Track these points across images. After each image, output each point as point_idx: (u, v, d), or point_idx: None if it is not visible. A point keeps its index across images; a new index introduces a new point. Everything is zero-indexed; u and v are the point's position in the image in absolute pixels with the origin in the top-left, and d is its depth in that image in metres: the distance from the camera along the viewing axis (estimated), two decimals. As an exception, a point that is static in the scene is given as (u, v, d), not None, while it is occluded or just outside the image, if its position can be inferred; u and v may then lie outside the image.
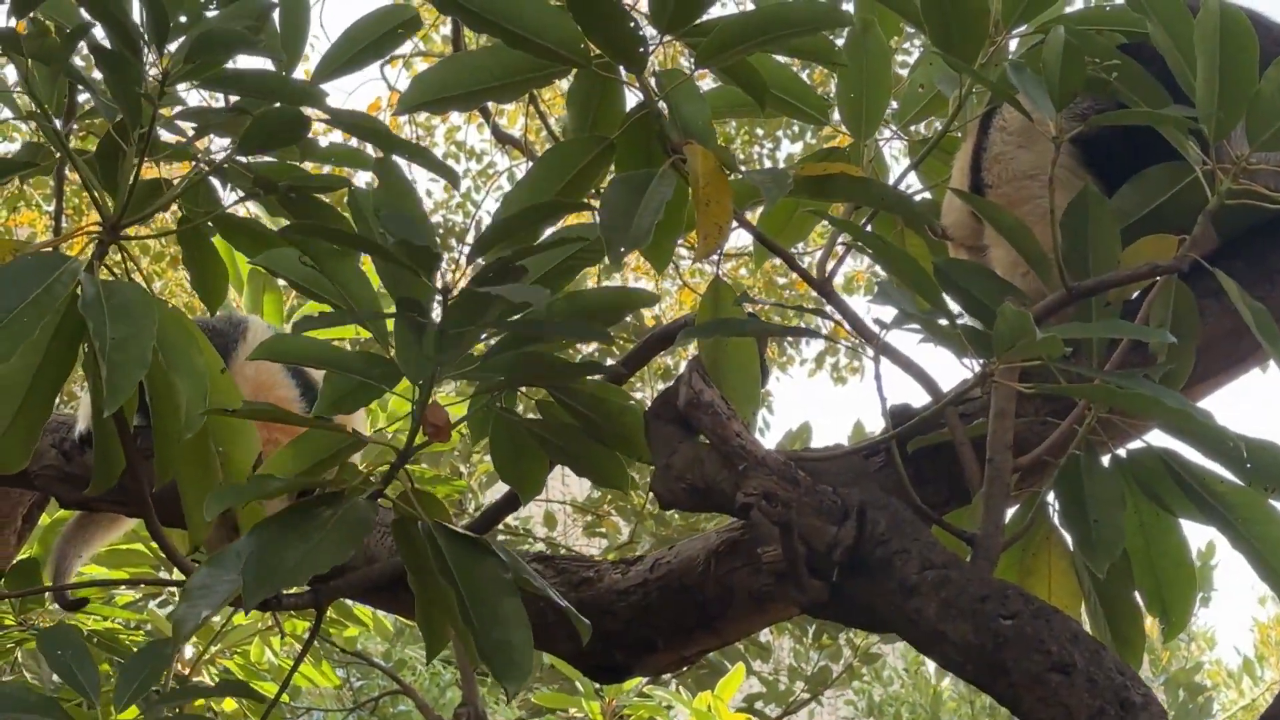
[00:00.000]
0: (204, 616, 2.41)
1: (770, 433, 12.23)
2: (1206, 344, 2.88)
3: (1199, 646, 15.54)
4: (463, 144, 12.59)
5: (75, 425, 3.64)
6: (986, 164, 3.18)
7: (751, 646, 8.45)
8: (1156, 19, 2.70)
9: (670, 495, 2.79)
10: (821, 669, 9.06)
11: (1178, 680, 12.45)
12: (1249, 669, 14.32)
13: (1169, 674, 12.86)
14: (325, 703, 8.96)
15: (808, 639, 8.97)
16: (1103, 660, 2.28)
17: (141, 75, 2.71)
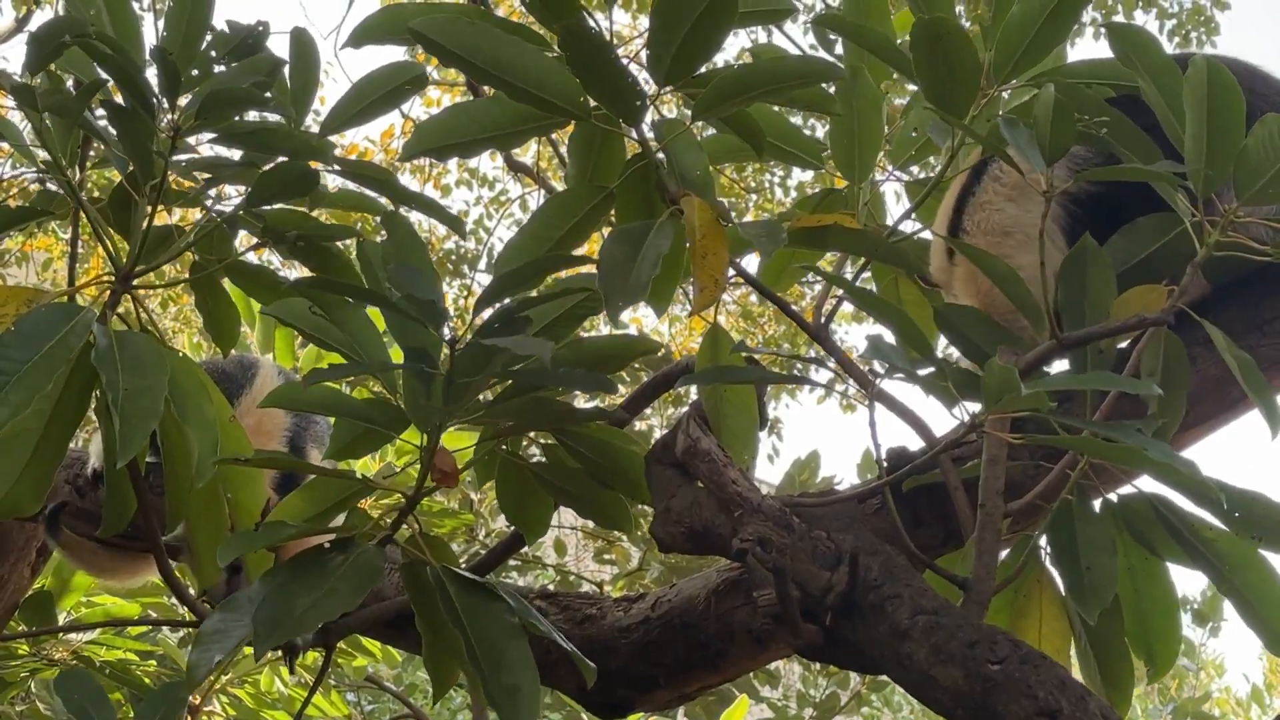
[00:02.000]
0: (217, 661, 2.45)
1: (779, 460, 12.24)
2: (1197, 391, 2.91)
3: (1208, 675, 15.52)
4: (475, 171, 12.63)
5: (88, 461, 3.68)
6: (969, 209, 3.21)
7: (761, 673, 8.46)
8: (1147, 76, 2.74)
9: (669, 538, 2.83)
10: (830, 695, 9.05)
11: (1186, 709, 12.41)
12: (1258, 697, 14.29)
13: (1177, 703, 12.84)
14: (335, 730, 8.95)
15: (816, 666, 8.97)
16: (1088, 705, 2.30)
17: (154, 130, 2.77)
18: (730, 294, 11.26)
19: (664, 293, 3.03)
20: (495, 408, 2.63)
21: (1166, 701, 13.17)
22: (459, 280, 11.05)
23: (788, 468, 8.29)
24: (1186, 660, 13.56)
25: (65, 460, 3.66)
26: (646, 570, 8.41)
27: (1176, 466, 2.41)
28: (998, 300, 3.06)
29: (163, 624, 4.75)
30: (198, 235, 3.00)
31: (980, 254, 2.89)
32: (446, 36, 2.74)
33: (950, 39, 2.79)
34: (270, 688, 5.63)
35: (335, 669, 5.86)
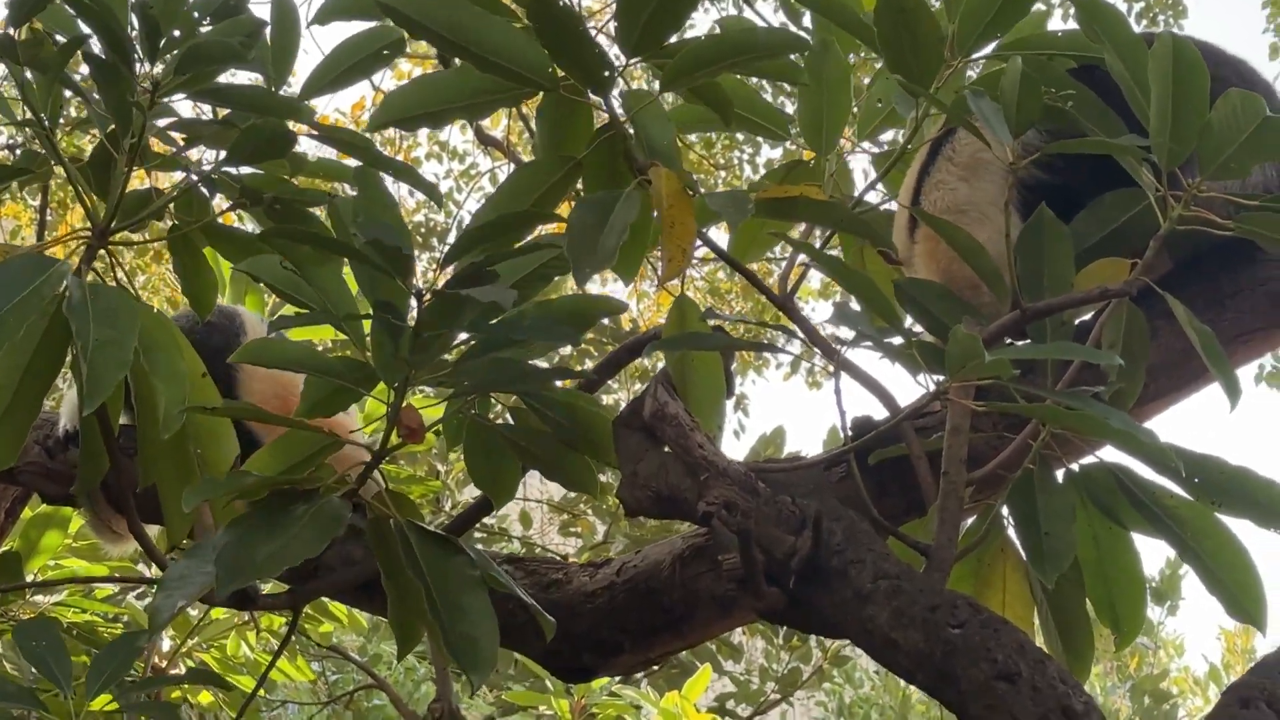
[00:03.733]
0: (179, 606, 2.47)
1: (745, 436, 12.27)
2: (1158, 364, 2.95)
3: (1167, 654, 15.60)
4: (445, 144, 12.62)
5: (59, 423, 3.68)
6: (926, 189, 3.24)
7: (723, 647, 8.48)
8: (1112, 49, 2.76)
9: (635, 502, 2.84)
10: (792, 670, 9.08)
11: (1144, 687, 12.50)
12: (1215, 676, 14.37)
13: (1136, 680, 12.93)
14: (300, 696, 8.96)
15: (778, 640, 9.00)
16: (1047, 669, 2.32)
17: (134, 85, 2.77)
18: (698, 270, 11.29)
19: (631, 262, 3.04)
20: (462, 366, 2.64)
21: (1125, 679, 13.26)
22: (428, 253, 11.05)
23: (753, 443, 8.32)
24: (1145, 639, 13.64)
25: (36, 422, 3.67)
26: (611, 543, 8.44)
27: (1136, 434, 2.44)
28: (957, 275, 3.09)
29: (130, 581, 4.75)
30: (175, 195, 3.01)
31: (945, 225, 2.90)
32: (415, 9, 2.74)
33: (914, 11, 2.81)
34: (236, 652, 5.65)
35: (301, 637, 5.86)
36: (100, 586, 5.13)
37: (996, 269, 2.84)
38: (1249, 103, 2.65)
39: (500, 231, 2.67)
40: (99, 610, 4.99)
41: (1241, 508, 2.72)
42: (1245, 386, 2.68)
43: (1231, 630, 14.68)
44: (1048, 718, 2.27)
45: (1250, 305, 3.07)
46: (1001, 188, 3.07)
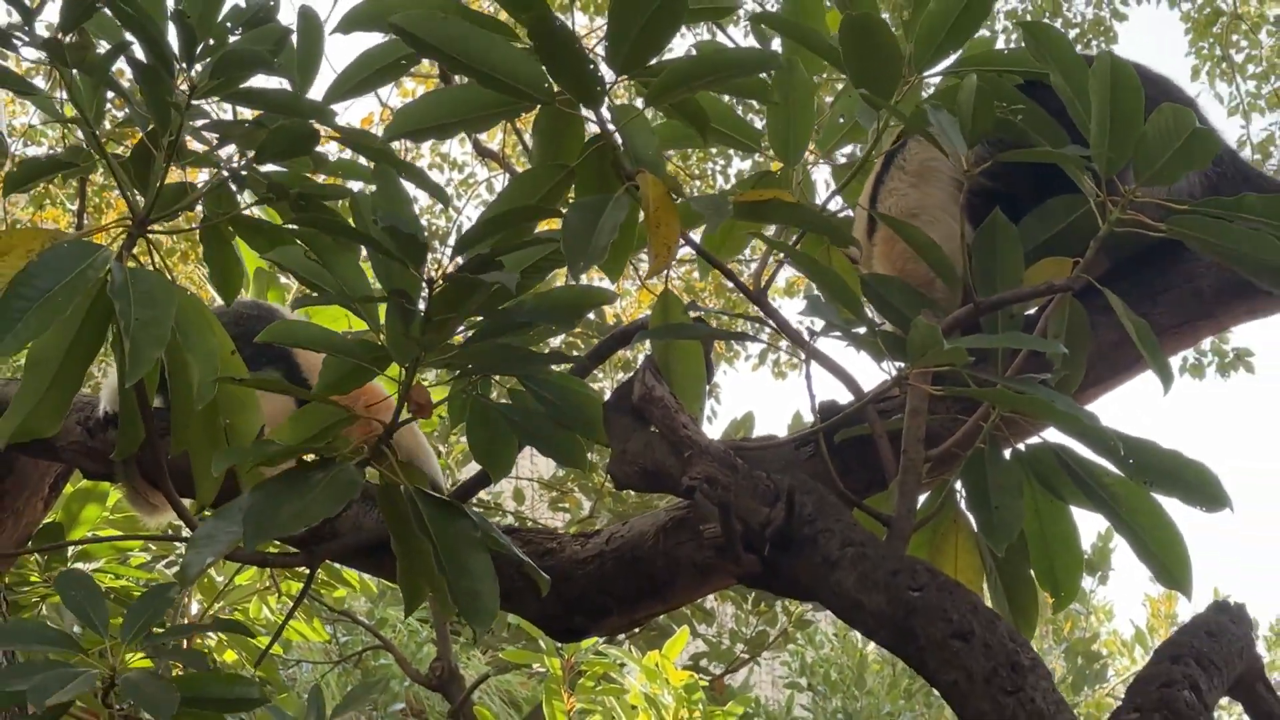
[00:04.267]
0: (208, 562, 2.48)
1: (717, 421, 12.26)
2: (1097, 354, 2.95)
3: (1097, 619, 15.66)
4: (446, 155, 12.61)
5: (99, 405, 3.68)
6: (881, 197, 3.25)
7: (697, 612, 8.50)
8: (1057, 68, 2.77)
9: (624, 477, 2.85)
10: (759, 633, 9.11)
11: (1077, 649, 12.56)
12: (1141, 639, 14.43)
13: (1069, 643, 12.98)
14: (314, 656, 8.96)
15: (747, 606, 9.03)
16: (997, 628, 2.33)
17: (172, 88, 2.79)
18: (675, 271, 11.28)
19: (618, 261, 3.05)
20: (467, 349, 2.65)
21: (1060, 642, 13.30)
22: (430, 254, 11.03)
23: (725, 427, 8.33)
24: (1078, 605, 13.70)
25: (77, 404, 3.67)
26: (597, 518, 8.44)
27: (1079, 416, 2.45)
28: (911, 273, 3.09)
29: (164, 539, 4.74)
30: (208, 188, 3.01)
31: (903, 225, 2.91)
32: (424, 30, 2.74)
33: (875, 32, 2.82)
34: (258, 614, 5.65)
35: (316, 602, 5.86)
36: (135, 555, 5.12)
37: (950, 265, 2.85)
38: (1180, 116, 2.66)
39: (506, 225, 2.68)
40: (134, 576, 4.98)
41: (1172, 486, 2.73)
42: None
43: (1156, 597, 14.75)
44: (998, 671, 2.28)
45: (1179, 300, 3.08)
46: (949, 193, 3.09)
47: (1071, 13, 12.43)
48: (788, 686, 12.44)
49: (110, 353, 3.07)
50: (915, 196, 3.21)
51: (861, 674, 12.04)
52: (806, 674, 12.21)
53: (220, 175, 3.00)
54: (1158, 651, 2.50)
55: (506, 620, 8.36)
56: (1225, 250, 2.64)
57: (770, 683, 15.14)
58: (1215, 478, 2.71)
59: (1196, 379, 11.97)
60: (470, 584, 2.55)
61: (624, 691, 6.20)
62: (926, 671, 2.37)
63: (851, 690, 12.03)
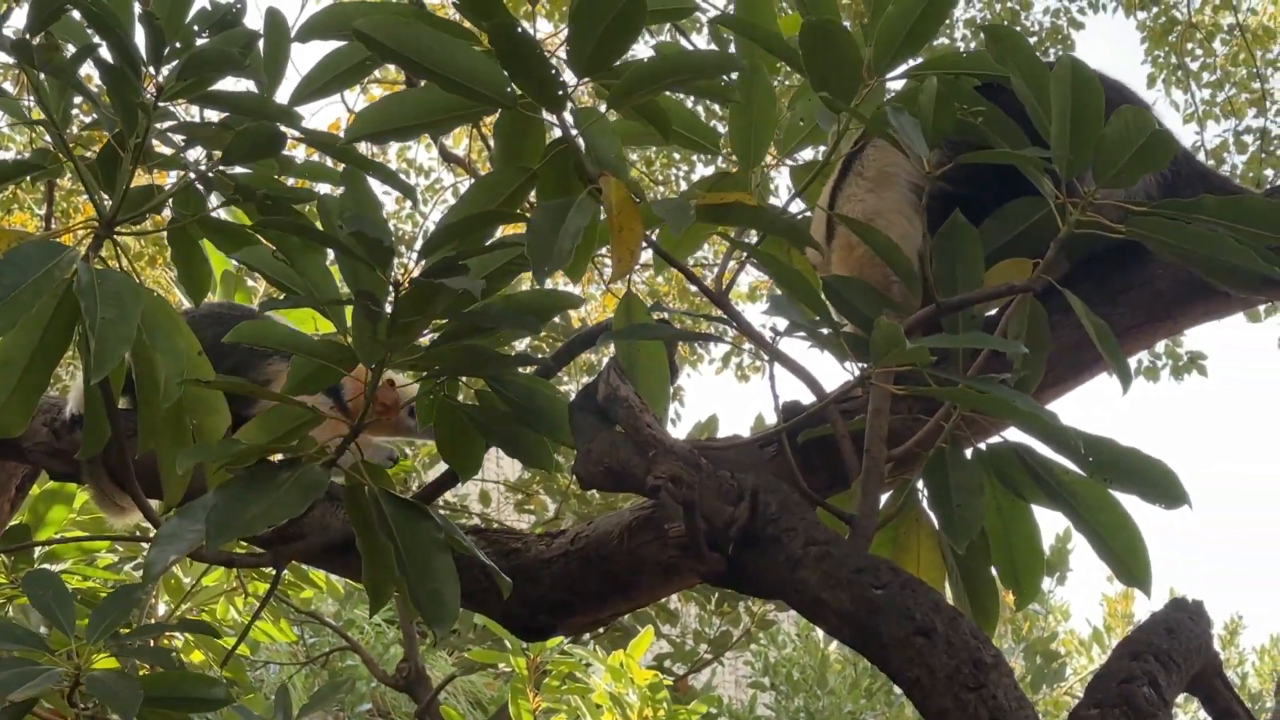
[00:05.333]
0: (172, 559, 2.46)
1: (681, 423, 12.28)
2: (1057, 354, 2.94)
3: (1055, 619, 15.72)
4: (413, 161, 12.58)
5: (65, 407, 3.65)
6: (839, 202, 3.24)
7: (661, 612, 8.49)
8: (1017, 70, 2.77)
9: (590, 477, 2.84)
10: (723, 633, 9.11)
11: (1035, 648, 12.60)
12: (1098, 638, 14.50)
13: (1028, 642, 13.01)
14: (281, 657, 8.93)
15: (711, 606, 9.02)
16: (960, 626, 2.34)
17: (140, 90, 2.77)
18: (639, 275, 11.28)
19: (580, 264, 3.03)
20: (433, 351, 2.63)
21: (1019, 641, 13.34)
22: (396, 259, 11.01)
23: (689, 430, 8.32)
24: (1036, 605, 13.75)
25: (43, 405, 3.64)
26: (562, 520, 8.43)
27: (1040, 415, 2.45)
28: (869, 275, 3.09)
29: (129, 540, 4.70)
30: (175, 190, 3.00)
31: (864, 227, 2.91)
32: (386, 36, 2.73)
33: (835, 36, 2.81)
34: (225, 615, 5.62)
35: (283, 602, 5.83)
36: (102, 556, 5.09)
37: (909, 266, 2.85)
38: (1139, 119, 2.66)
39: (469, 229, 2.67)
40: (101, 577, 4.96)
41: (1131, 483, 2.73)
42: (1132, 376, 2.69)
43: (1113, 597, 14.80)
44: (960, 669, 2.28)
45: (1138, 300, 3.08)
46: (906, 198, 3.08)
47: (1030, 21, 12.48)
48: (751, 686, 12.45)
49: (79, 356, 3.05)
50: (872, 201, 3.21)
51: (824, 673, 12.05)
52: (769, 674, 12.22)
53: (187, 177, 2.98)
54: (1118, 648, 2.50)
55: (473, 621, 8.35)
56: (1183, 251, 2.65)
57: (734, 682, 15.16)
58: (1174, 475, 2.71)
59: (1151, 381, 12.03)
60: (432, 585, 2.54)
61: (589, 691, 6.19)
62: (889, 669, 2.37)
63: (814, 690, 12.05)
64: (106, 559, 5.14)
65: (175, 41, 2.80)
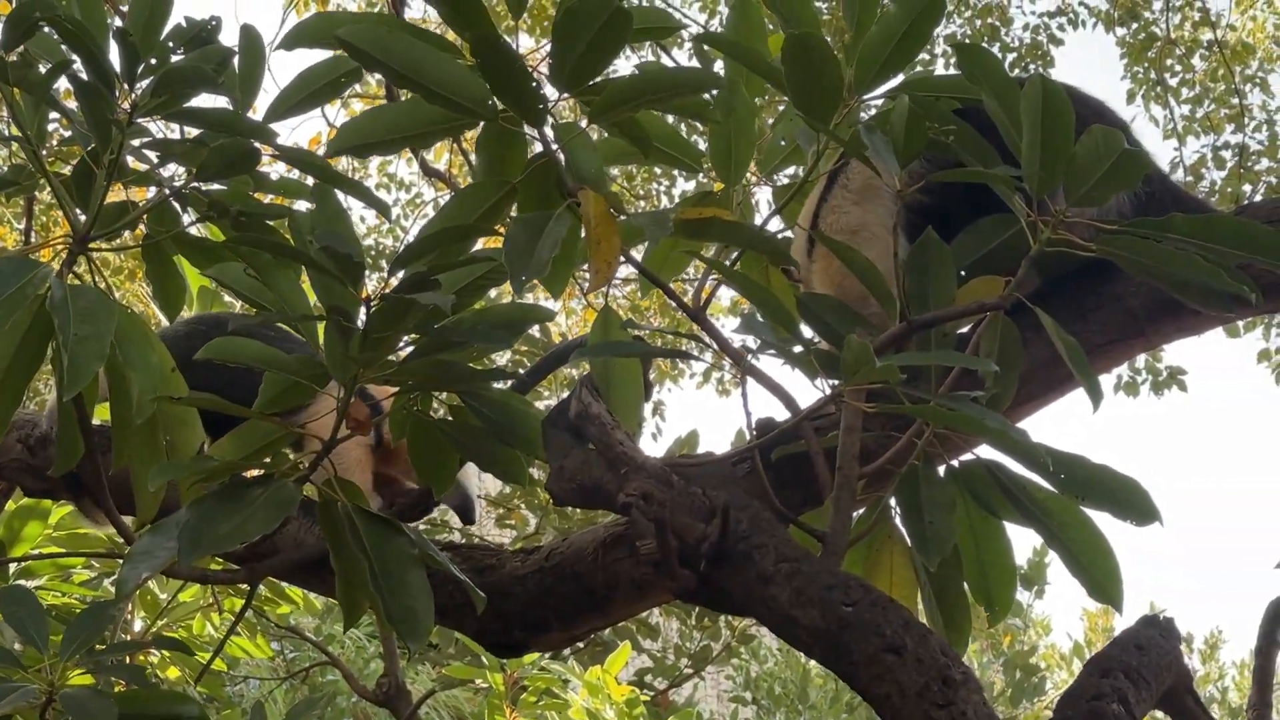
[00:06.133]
0: (145, 576, 2.45)
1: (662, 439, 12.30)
2: (1029, 371, 2.95)
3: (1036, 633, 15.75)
4: (393, 176, 12.60)
5: (40, 423, 3.64)
6: (823, 214, 3.25)
7: (642, 627, 8.49)
8: (990, 91, 2.77)
9: (562, 493, 2.84)
10: (703, 647, 9.10)
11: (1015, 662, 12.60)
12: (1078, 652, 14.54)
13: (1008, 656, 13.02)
14: (261, 673, 8.91)
15: (691, 621, 9.02)
16: (929, 643, 2.33)
17: (114, 107, 2.77)
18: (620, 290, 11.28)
19: (560, 278, 3.04)
20: (406, 366, 2.63)
21: (999, 655, 13.35)
22: (377, 273, 11.02)
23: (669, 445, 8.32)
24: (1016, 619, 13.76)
25: (18, 422, 3.64)
26: (542, 535, 8.43)
27: (1010, 432, 2.45)
28: (848, 290, 3.10)
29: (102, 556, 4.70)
30: (149, 206, 3.00)
31: (841, 247, 2.91)
32: (370, 44, 2.74)
33: (816, 52, 2.81)
34: (202, 631, 5.61)
35: (262, 619, 5.82)
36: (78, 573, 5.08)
37: (886, 286, 2.85)
38: (1110, 138, 2.66)
39: (444, 242, 2.68)
40: (77, 593, 4.95)
41: (1102, 501, 2.73)
42: (1105, 393, 2.70)
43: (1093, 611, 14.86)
44: (930, 686, 2.28)
45: (1110, 318, 3.09)
46: (891, 210, 3.08)
47: (1010, 37, 12.53)
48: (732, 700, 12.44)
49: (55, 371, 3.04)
50: (857, 214, 3.22)
51: (804, 688, 12.05)
52: (750, 688, 12.21)
53: (162, 193, 2.98)
54: (1087, 665, 2.51)
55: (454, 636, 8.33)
56: (1153, 269, 2.65)
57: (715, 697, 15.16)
58: (1145, 492, 2.71)
59: (1131, 397, 12.05)
60: (405, 601, 2.53)
61: (566, 706, 6.18)
62: (859, 686, 2.37)
63: (795, 704, 12.04)
64: (82, 575, 5.13)
65: (150, 58, 2.81)
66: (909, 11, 2.95)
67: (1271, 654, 2.97)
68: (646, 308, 11.42)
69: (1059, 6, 12.79)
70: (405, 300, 2.40)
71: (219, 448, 2.89)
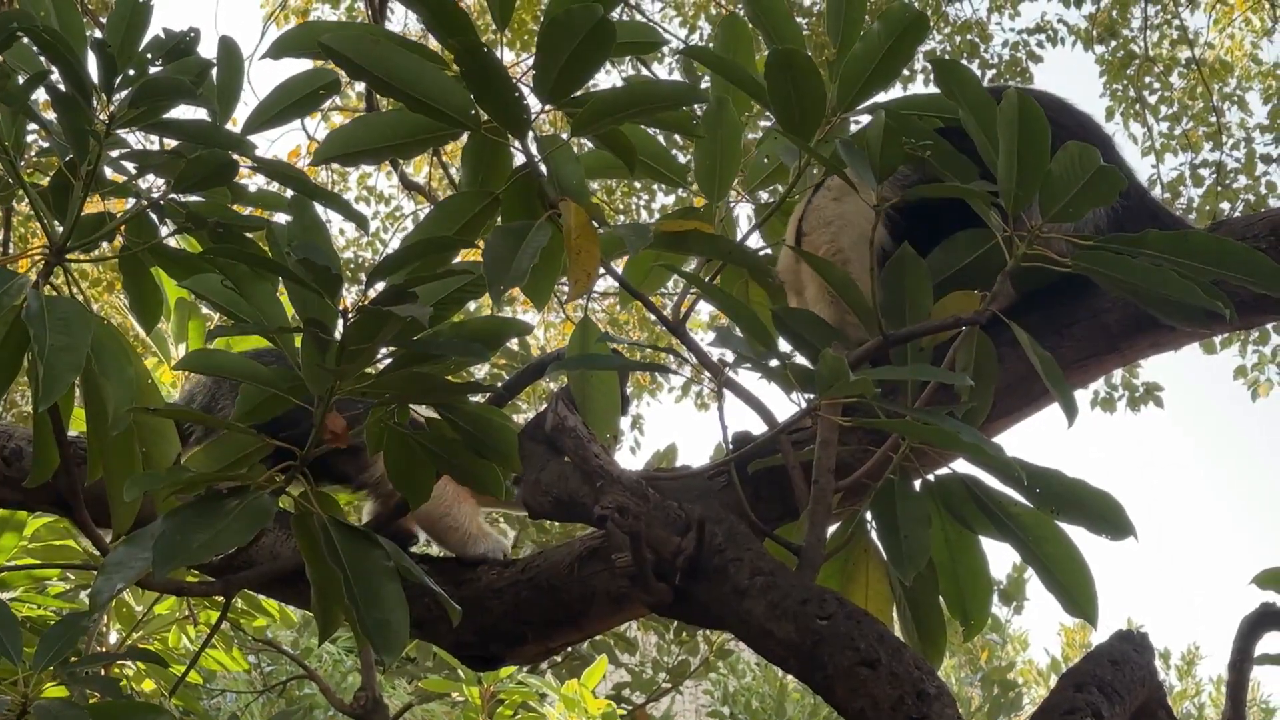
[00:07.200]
0: (118, 588, 2.43)
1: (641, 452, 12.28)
2: (1005, 386, 2.96)
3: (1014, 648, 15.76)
4: (374, 189, 12.59)
5: (15, 434, 3.63)
6: (807, 215, 3.27)
7: (620, 641, 8.48)
8: (966, 106, 2.78)
9: (538, 506, 2.84)
10: (681, 662, 9.09)
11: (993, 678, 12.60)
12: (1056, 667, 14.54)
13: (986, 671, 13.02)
14: (238, 686, 8.89)
15: (669, 634, 9.01)
16: (904, 656, 2.34)
17: (91, 118, 2.76)
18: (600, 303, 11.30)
19: (542, 289, 3.04)
20: (383, 378, 2.63)
21: (977, 671, 13.36)
22: (356, 286, 11.01)
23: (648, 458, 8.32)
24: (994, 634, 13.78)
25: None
26: (521, 547, 8.42)
27: (985, 447, 2.46)
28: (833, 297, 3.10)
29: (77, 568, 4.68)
30: (127, 217, 2.99)
31: (821, 262, 2.93)
32: (355, 52, 2.74)
33: (800, 67, 2.83)
34: (177, 644, 5.59)
35: (237, 631, 5.81)
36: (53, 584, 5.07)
37: (865, 303, 2.86)
38: (1085, 154, 2.67)
39: (425, 253, 2.68)
40: (52, 605, 4.93)
41: (1077, 516, 2.74)
42: (1080, 409, 2.70)
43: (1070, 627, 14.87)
44: (904, 699, 2.29)
45: (1086, 334, 3.10)
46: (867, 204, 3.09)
47: (989, 53, 12.57)
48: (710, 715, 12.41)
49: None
50: (834, 208, 3.24)
51: (782, 702, 12.04)
52: (728, 702, 12.20)
53: (140, 205, 2.97)
54: (1062, 679, 2.52)
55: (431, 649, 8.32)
56: (1128, 285, 2.66)
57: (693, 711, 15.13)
58: (1120, 507, 2.73)
59: (1108, 412, 12.07)
60: (380, 614, 2.52)
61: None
62: (834, 699, 2.37)
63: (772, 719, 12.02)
64: (58, 587, 5.11)
65: (128, 69, 2.80)
66: (892, 30, 2.97)
67: (1245, 670, 2.98)
68: (626, 320, 11.43)
69: (1038, 23, 12.83)
70: (382, 312, 2.40)
71: (194, 459, 2.88)
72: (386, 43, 2.83)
